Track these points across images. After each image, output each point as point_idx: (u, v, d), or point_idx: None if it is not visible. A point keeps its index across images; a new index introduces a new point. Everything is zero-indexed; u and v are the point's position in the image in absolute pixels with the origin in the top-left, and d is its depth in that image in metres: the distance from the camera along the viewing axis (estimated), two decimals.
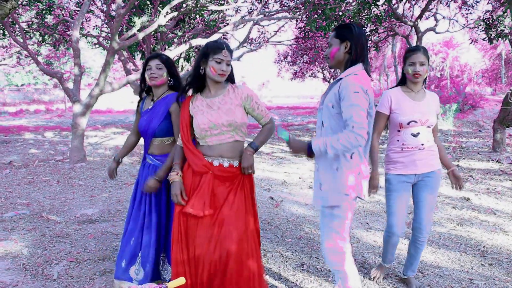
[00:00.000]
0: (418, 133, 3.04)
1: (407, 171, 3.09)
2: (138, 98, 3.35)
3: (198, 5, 10.64)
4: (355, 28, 2.54)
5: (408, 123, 3.03)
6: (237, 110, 2.74)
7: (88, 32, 14.18)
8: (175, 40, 13.54)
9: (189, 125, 2.77)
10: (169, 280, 2.99)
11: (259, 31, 17.48)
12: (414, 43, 15.67)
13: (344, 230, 2.55)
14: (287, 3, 13.72)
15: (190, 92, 2.88)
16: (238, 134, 2.77)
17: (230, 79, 2.84)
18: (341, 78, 2.50)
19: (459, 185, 3.31)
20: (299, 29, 15.88)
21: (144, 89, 3.23)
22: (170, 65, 3.10)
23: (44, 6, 11.53)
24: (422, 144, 3.05)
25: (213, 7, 10.79)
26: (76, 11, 12.54)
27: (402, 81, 3.18)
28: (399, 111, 3.06)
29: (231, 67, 2.78)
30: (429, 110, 3.05)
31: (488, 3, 12.28)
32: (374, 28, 13.41)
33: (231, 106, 2.73)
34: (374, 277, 3.39)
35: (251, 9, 14.06)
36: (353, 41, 2.52)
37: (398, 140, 3.10)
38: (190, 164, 2.74)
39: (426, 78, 3.17)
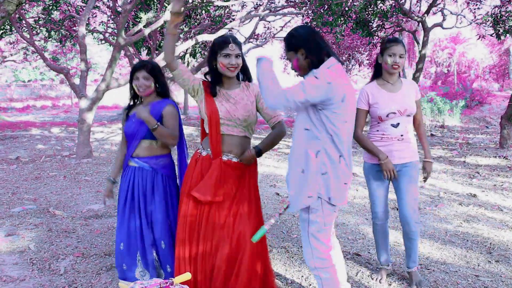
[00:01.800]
0: (398, 124, 3.09)
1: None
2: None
3: (204, 1, 10.62)
4: (299, 30, 2.49)
5: (387, 115, 3.08)
6: (253, 106, 2.79)
7: (94, 28, 14.19)
8: (181, 35, 13.52)
9: (216, 109, 2.71)
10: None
11: (265, 27, 17.42)
12: (421, 39, 15.56)
13: (323, 236, 2.47)
14: None
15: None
16: (249, 131, 2.80)
17: (247, 74, 2.84)
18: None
19: (424, 178, 3.34)
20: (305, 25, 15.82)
21: (133, 97, 3.14)
22: (157, 73, 3.01)
23: (51, 2, 11.55)
24: (402, 135, 3.09)
25: (219, 3, 10.78)
26: (82, 7, 12.54)
27: (377, 74, 3.20)
28: (377, 105, 3.10)
29: (245, 62, 2.79)
30: (407, 99, 3.09)
31: None
32: (381, 23, 13.34)
33: (248, 102, 2.77)
34: (376, 279, 3.35)
35: (257, 4, 14.01)
36: (305, 45, 2.45)
37: (378, 130, 3.15)
38: (211, 144, 2.73)
39: (403, 69, 3.22)
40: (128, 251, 3.00)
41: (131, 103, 3.18)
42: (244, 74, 2.84)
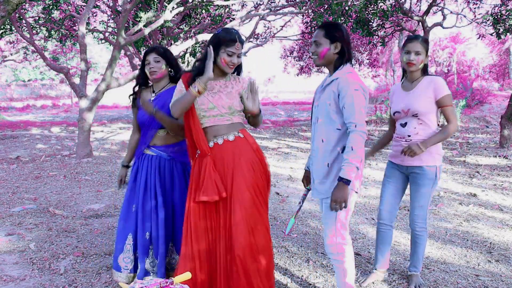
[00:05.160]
0: (406, 123, 3.07)
1: (395, 160, 3.16)
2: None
3: (204, 0, 10.62)
4: (343, 28, 2.62)
5: (394, 114, 3.13)
6: (237, 95, 2.76)
7: (95, 27, 14.19)
8: (181, 35, 13.51)
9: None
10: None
11: (265, 26, 17.43)
12: None
13: (347, 221, 2.65)
14: None
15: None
16: (236, 116, 2.76)
17: (238, 69, 2.83)
18: (335, 78, 2.57)
19: (406, 151, 2.96)
20: (305, 24, 15.83)
21: (142, 83, 3.18)
22: (168, 56, 3.06)
23: (51, 1, 11.54)
24: (409, 136, 3.05)
25: (219, 2, 10.78)
26: (82, 6, 12.54)
27: (404, 73, 3.19)
28: (392, 103, 3.19)
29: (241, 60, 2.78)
30: (415, 99, 3.00)
31: None
32: (381, 23, 13.34)
33: (232, 90, 2.75)
34: (359, 281, 3.30)
35: (257, 3, 14.02)
36: (344, 43, 2.59)
37: (396, 130, 3.20)
38: (196, 143, 2.73)
39: (426, 69, 3.11)
40: (147, 241, 3.06)
41: (136, 89, 3.20)
42: (236, 68, 2.81)
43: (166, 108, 2.97)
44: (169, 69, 3.10)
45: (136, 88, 3.22)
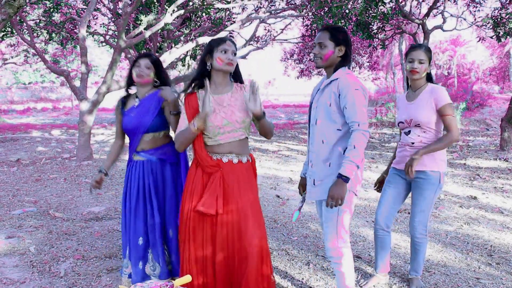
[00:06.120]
0: (409, 131, 3.11)
1: (400, 165, 3.17)
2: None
3: (205, 3, 10.64)
4: (347, 33, 2.67)
5: (398, 124, 3.17)
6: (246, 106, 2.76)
7: (95, 30, 14.19)
8: (182, 38, 13.52)
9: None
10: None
11: (265, 29, 17.44)
12: (421, 41, 15.58)
13: (348, 223, 2.65)
14: (293, 1, 13.68)
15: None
16: (247, 131, 2.78)
17: (238, 78, 2.82)
18: (335, 79, 2.59)
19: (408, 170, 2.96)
20: (306, 27, 15.84)
21: (129, 84, 3.18)
22: (158, 66, 3.08)
23: (52, 4, 11.55)
24: (413, 143, 3.08)
25: (219, 5, 10.79)
26: (83, 9, 12.56)
27: (408, 84, 3.22)
28: (397, 113, 3.23)
29: (238, 65, 2.78)
30: (417, 109, 3.03)
31: (496, 0, 12.19)
32: (381, 26, 13.35)
33: (243, 103, 2.73)
34: (360, 284, 3.30)
35: (257, 7, 14.02)
36: (347, 46, 2.64)
37: (400, 138, 3.25)
38: (200, 164, 2.71)
39: (431, 77, 3.14)
40: (146, 246, 3.06)
41: (126, 94, 3.21)
42: (236, 76, 2.82)
43: (151, 114, 2.98)
44: (155, 80, 3.10)
45: (126, 92, 3.23)
